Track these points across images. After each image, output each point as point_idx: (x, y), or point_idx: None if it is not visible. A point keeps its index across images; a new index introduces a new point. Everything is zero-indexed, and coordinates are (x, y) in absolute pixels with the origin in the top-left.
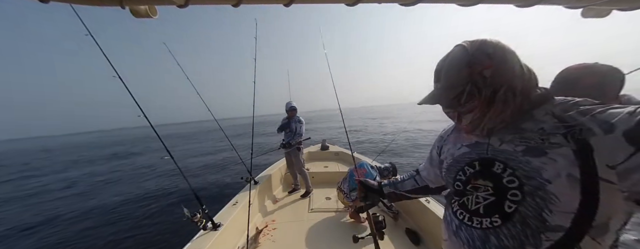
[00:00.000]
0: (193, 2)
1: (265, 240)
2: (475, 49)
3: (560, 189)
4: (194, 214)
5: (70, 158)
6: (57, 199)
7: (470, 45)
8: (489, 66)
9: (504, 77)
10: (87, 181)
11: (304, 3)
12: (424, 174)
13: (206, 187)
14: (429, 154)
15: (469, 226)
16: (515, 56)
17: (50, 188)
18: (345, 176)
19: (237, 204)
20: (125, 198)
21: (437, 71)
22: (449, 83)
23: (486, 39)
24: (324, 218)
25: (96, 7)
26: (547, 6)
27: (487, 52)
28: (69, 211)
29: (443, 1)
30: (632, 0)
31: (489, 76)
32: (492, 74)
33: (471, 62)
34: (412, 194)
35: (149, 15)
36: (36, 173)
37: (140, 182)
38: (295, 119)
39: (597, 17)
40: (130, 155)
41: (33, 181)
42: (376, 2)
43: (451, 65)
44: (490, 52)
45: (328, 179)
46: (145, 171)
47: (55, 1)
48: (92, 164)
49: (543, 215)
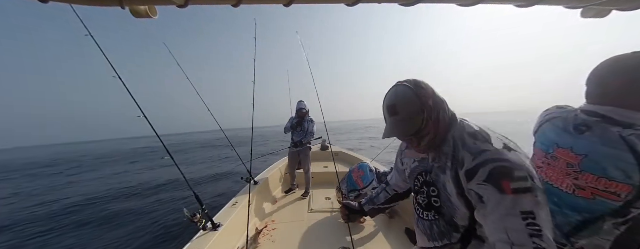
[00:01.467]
0: (193, 2)
1: (265, 240)
2: (414, 85)
3: (457, 201)
4: (194, 215)
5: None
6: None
7: (410, 83)
8: (430, 96)
9: (438, 104)
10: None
11: (304, 3)
12: (393, 182)
13: (206, 187)
14: (395, 165)
15: (421, 218)
16: (433, 88)
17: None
18: (345, 177)
19: (237, 204)
20: (125, 197)
21: (391, 107)
22: (408, 115)
23: (415, 78)
24: (324, 218)
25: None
26: (547, 6)
27: (422, 87)
28: (68, 213)
29: (443, 1)
30: (632, 0)
31: (432, 104)
32: (433, 103)
33: (418, 95)
34: (387, 204)
35: (149, 15)
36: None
37: (140, 182)
38: (308, 118)
39: (597, 17)
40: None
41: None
42: (376, 2)
43: (405, 99)
44: (424, 86)
45: (328, 179)
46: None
47: (55, 1)
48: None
49: (454, 219)
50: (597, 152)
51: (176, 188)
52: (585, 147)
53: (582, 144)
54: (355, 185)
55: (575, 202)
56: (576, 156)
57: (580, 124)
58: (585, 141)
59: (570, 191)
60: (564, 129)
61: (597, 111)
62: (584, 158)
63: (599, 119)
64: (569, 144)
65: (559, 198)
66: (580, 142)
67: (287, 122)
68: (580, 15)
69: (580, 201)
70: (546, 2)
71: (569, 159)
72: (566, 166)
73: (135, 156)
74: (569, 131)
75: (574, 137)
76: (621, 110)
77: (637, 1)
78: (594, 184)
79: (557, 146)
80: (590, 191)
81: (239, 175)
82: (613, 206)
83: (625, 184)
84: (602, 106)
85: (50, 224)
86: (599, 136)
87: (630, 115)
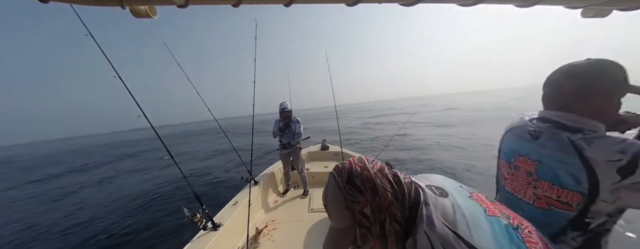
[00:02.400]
0: (193, 2)
1: (265, 240)
2: (345, 183)
3: None
4: (194, 214)
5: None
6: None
7: (340, 178)
8: (365, 204)
9: (382, 209)
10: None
11: (304, 3)
12: None
13: (206, 187)
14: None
15: None
16: (384, 178)
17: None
18: None
19: (237, 204)
20: (125, 197)
21: (325, 205)
22: (339, 226)
23: (351, 168)
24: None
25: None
26: (547, 6)
27: (357, 187)
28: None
29: (443, 1)
30: (632, 0)
31: (369, 213)
32: (372, 210)
33: (348, 204)
34: None
35: (149, 15)
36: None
37: (140, 182)
38: (293, 119)
39: (597, 17)
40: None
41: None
42: (376, 2)
43: (333, 206)
44: (360, 185)
45: None
46: (144, 172)
47: (55, 1)
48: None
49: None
50: (550, 157)
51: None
52: (539, 153)
53: (537, 150)
54: None
55: (535, 213)
56: (533, 162)
57: (533, 130)
58: (539, 147)
59: (531, 202)
60: (520, 136)
61: (548, 117)
62: (539, 165)
63: (550, 125)
64: (526, 151)
65: (523, 211)
66: (535, 148)
67: (273, 126)
68: (581, 15)
69: (539, 213)
70: (546, 2)
71: (527, 167)
72: (526, 174)
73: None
74: (526, 138)
75: (530, 144)
76: (570, 115)
77: (637, 1)
78: (548, 192)
79: (518, 155)
80: (545, 200)
81: (239, 175)
82: (568, 216)
83: (576, 192)
84: (553, 111)
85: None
86: (550, 140)
87: (579, 120)
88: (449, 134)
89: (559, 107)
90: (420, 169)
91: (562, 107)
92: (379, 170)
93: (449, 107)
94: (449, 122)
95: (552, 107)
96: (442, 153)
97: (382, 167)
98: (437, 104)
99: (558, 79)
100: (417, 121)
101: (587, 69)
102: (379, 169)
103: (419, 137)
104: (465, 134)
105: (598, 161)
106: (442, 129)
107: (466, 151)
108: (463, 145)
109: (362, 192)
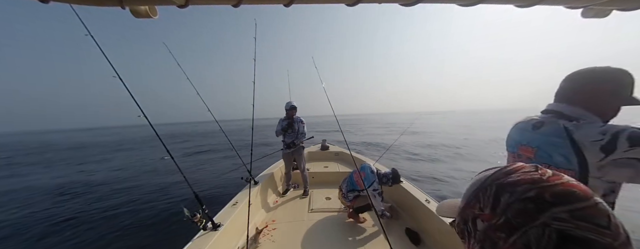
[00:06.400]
0: (193, 2)
1: (265, 240)
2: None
3: None
4: (194, 214)
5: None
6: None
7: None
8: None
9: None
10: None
11: (304, 3)
12: None
13: (206, 187)
14: None
15: None
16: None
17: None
18: (346, 177)
19: (237, 204)
20: (125, 197)
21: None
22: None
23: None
24: (324, 218)
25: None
26: (547, 6)
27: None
28: (65, 211)
29: (443, 1)
30: (632, 0)
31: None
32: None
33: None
34: None
35: (149, 15)
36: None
37: (140, 182)
38: (297, 119)
39: (597, 17)
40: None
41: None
42: (376, 2)
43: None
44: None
45: (328, 179)
46: (146, 170)
47: (55, 1)
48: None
49: None
50: (546, 143)
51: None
52: (538, 140)
53: (536, 138)
54: (355, 185)
55: None
56: (532, 149)
57: (537, 121)
58: (538, 135)
59: None
60: (523, 128)
61: (552, 108)
62: (537, 150)
63: (552, 115)
64: (527, 140)
65: None
66: (535, 136)
67: (277, 126)
68: (581, 15)
69: None
70: (546, 2)
71: (528, 154)
72: (527, 161)
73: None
74: (528, 129)
75: (531, 133)
76: (571, 107)
77: (637, 1)
78: None
79: (521, 144)
80: None
81: (239, 175)
82: None
83: (568, 170)
84: (559, 103)
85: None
86: (548, 128)
87: (579, 111)
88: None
89: (566, 99)
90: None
91: (569, 100)
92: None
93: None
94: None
95: (561, 100)
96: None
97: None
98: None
99: (575, 76)
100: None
101: (601, 70)
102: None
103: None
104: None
105: (585, 143)
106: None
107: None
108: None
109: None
